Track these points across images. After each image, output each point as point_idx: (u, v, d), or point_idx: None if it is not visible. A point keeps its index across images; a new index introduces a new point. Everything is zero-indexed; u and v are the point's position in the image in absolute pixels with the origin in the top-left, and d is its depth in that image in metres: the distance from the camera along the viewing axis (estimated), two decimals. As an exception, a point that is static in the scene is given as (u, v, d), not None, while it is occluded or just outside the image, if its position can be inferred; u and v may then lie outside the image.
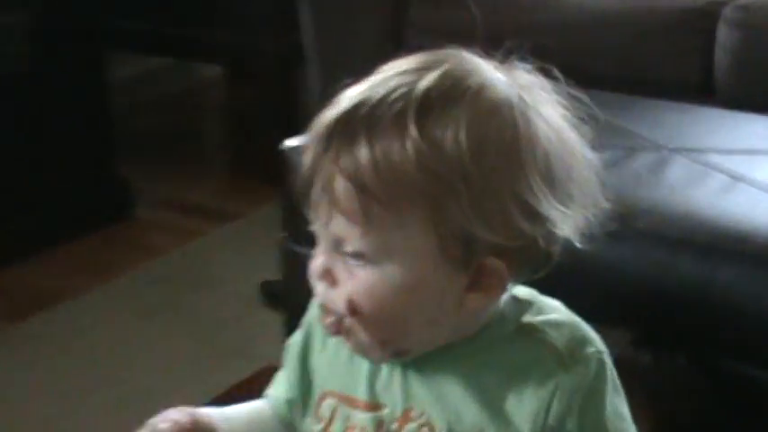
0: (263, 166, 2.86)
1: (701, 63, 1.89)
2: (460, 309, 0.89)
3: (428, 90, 0.86)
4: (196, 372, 2.01)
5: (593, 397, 0.89)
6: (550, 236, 0.88)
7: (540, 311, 0.93)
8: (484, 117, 0.86)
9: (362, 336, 0.90)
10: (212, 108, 3.58)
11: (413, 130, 0.84)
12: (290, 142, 1.53)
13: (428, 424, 0.91)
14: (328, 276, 0.90)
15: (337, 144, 0.85)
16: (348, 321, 0.89)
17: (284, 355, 1.04)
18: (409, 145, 0.83)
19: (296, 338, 1.04)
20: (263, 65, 2.85)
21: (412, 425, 0.92)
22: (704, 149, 1.43)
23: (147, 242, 2.58)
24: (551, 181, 0.87)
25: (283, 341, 1.93)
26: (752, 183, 1.33)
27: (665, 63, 1.91)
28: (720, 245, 1.23)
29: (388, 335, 0.90)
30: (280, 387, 1.04)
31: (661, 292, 1.24)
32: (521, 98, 0.88)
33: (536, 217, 0.86)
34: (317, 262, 0.91)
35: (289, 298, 1.59)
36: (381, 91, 0.86)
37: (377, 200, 0.84)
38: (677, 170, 1.38)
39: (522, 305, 0.93)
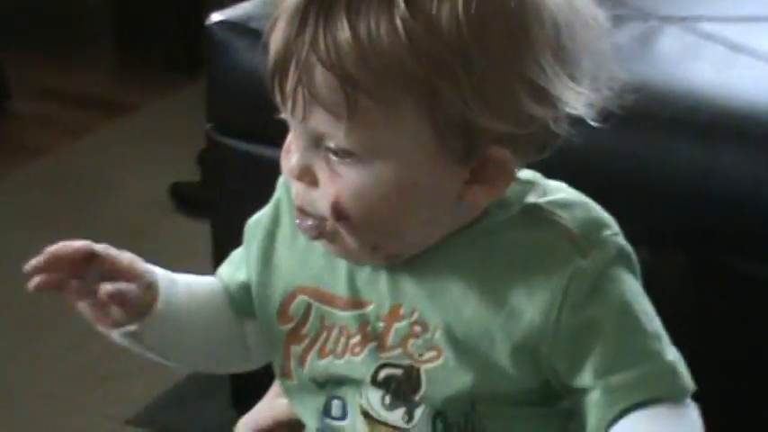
0: (163, 49, 2.86)
1: None
2: (460, 203, 0.90)
3: None
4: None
5: (616, 279, 0.91)
6: (560, 115, 0.89)
7: (546, 192, 0.95)
8: None
9: (349, 241, 0.91)
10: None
11: (401, 5, 0.82)
12: (216, 17, 1.53)
13: (421, 322, 0.93)
14: (307, 176, 0.90)
15: (313, 25, 0.84)
16: (331, 225, 0.90)
17: (244, 235, 1.04)
18: (399, 23, 0.82)
19: (260, 220, 1.03)
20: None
21: (402, 323, 0.93)
22: (697, 18, 1.45)
23: (28, 140, 2.56)
24: (562, 55, 0.87)
25: (209, 252, 1.96)
26: (754, 54, 1.36)
27: None
28: (722, 126, 1.25)
29: (378, 239, 0.91)
30: (236, 267, 1.04)
31: (656, 181, 1.27)
32: None
33: (546, 98, 0.87)
34: (294, 159, 0.90)
35: (219, 199, 1.60)
36: None
37: (364, 91, 0.83)
38: (669, 42, 1.40)
39: (525, 186, 0.94)
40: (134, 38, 3.19)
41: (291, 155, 0.91)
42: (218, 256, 1.61)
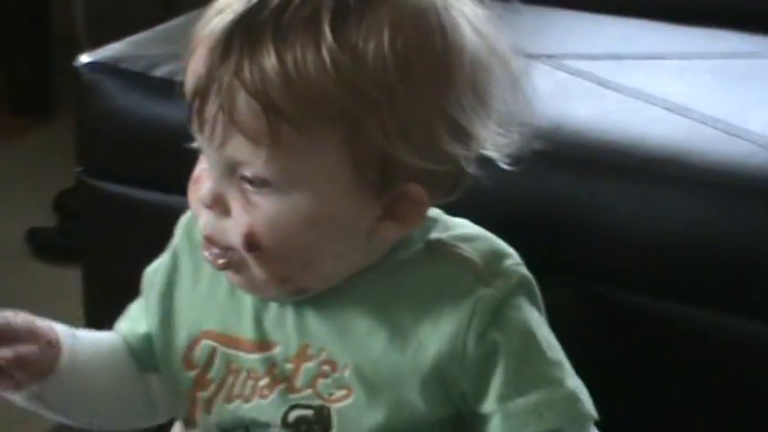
0: (10, 92, 2.79)
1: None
2: (371, 239, 0.91)
3: None
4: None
5: (518, 306, 0.93)
6: (473, 155, 0.90)
7: (448, 227, 0.97)
8: (410, 22, 0.86)
9: (257, 272, 0.90)
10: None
11: (328, 36, 0.83)
12: (85, 58, 1.50)
13: (329, 361, 0.93)
14: (219, 204, 0.90)
15: (238, 52, 0.84)
16: (240, 255, 0.90)
17: (142, 285, 1.03)
18: (325, 54, 0.83)
19: (158, 268, 1.02)
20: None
21: (310, 363, 0.94)
22: (565, 55, 1.50)
23: None
24: (480, 95, 0.90)
25: (71, 298, 1.91)
26: (624, 90, 1.40)
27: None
28: (598, 159, 1.29)
29: (287, 271, 0.91)
30: (136, 321, 1.03)
31: (537, 214, 1.30)
32: (450, 3, 0.90)
33: (464, 136, 0.88)
34: (206, 187, 0.90)
35: (90, 243, 1.57)
36: None
37: (287, 120, 0.84)
38: (539, 79, 1.43)
39: (428, 223, 0.96)
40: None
41: (202, 184, 0.90)
42: (90, 301, 1.59)
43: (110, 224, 1.54)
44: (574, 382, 0.94)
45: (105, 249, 1.56)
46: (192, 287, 1.00)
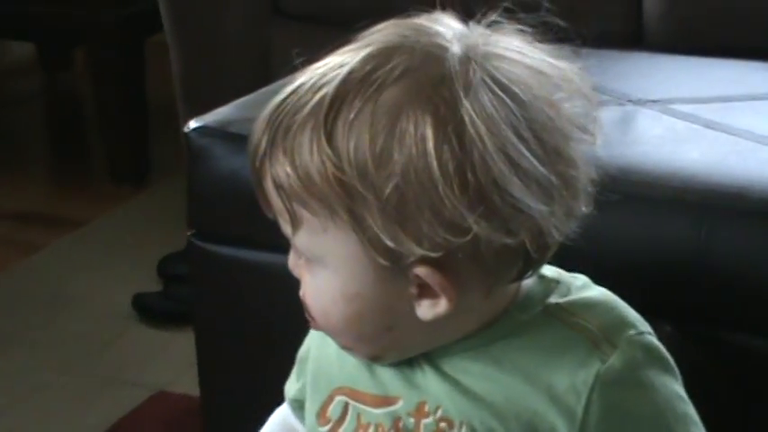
0: (110, 163, 2.84)
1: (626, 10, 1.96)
2: (417, 316, 0.91)
3: (347, 76, 0.88)
4: (72, 408, 1.96)
5: (643, 385, 0.90)
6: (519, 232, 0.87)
7: (570, 291, 0.95)
8: (393, 114, 0.86)
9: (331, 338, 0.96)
10: (26, 96, 3.51)
11: (321, 132, 0.87)
12: (193, 123, 1.52)
13: (446, 419, 0.94)
14: (296, 271, 0.96)
15: (265, 142, 0.91)
16: None
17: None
18: (315, 149, 0.87)
19: (306, 338, 1.07)
20: (94, 41, 2.81)
21: (428, 419, 0.95)
22: (671, 100, 1.49)
23: (-26, 259, 2.52)
24: (470, 190, 0.86)
25: (180, 361, 1.93)
26: (735, 132, 1.39)
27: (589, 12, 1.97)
28: (714, 203, 1.27)
29: (345, 342, 0.95)
30: (290, 389, 1.10)
31: (654, 259, 1.29)
32: (450, 86, 0.86)
33: (456, 228, 0.86)
34: (290, 255, 0.97)
35: (202, 306, 1.59)
36: (314, 78, 0.90)
37: (297, 202, 0.89)
38: (648, 124, 1.42)
39: (548, 284, 0.95)
40: (70, 150, 3.18)
41: (291, 251, 0.97)
42: (204, 362, 1.60)
43: (221, 286, 1.55)
44: None
45: (217, 311, 1.57)
46: (321, 347, 1.03)
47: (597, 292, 0.96)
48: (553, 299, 0.94)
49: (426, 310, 0.91)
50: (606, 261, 1.30)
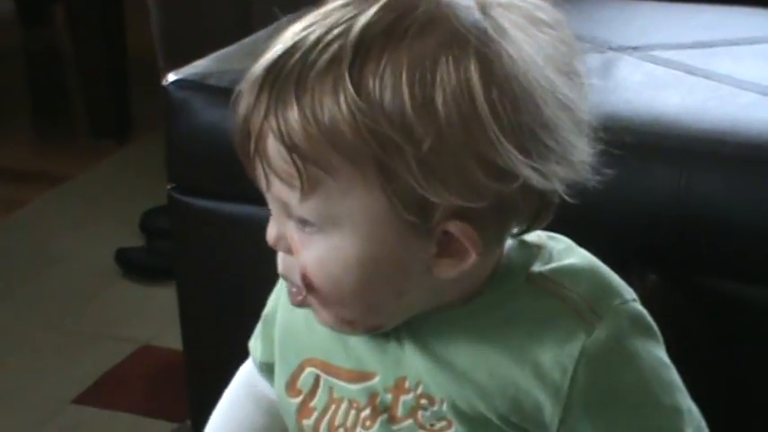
0: (91, 118, 2.82)
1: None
2: (431, 276, 0.87)
3: (366, 28, 0.83)
4: (57, 363, 1.96)
5: (629, 354, 0.89)
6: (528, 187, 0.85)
7: (552, 258, 0.92)
8: (430, 61, 0.82)
9: (324, 314, 0.89)
10: (5, 52, 3.49)
11: (347, 83, 0.82)
12: (172, 77, 1.51)
13: (426, 395, 0.91)
14: (282, 243, 0.89)
15: (266, 99, 0.84)
16: (307, 295, 0.89)
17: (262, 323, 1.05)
18: (343, 101, 0.81)
19: (271, 296, 1.03)
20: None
21: (408, 396, 0.92)
22: (651, 46, 1.48)
23: (-42, 217, 2.51)
24: (519, 133, 0.83)
25: (164, 316, 1.92)
26: (715, 78, 1.38)
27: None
28: (694, 149, 1.27)
29: (349, 314, 0.89)
30: (256, 351, 1.04)
31: (636, 205, 1.29)
32: (484, 29, 0.83)
33: (504, 174, 0.83)
34: (270, 228, 0.90)
35: (184, 260, 1.58)
36: (318, 31, 0.84)
37: (313, 163, 0.83)
38: (629, 71, 1.41)
39: (531, 251, 0.92)
40: (51, 106, 3.16)
41: (270, 223, 0.90)
42: (186, 316, 1.59)
43: (202, 239, 1.54)
44: (693, 428, 0.91)
45: (199, 264, 1.56)
46: (289, 313, 0.98)
47: (580, 257, 0.93)
48: (536, 267, 0.91)
49: (447, 268, 0.87)
50: (586, 209, 1.29)
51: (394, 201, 0.83)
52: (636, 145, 1.28)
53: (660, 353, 0.91)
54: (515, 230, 0.91)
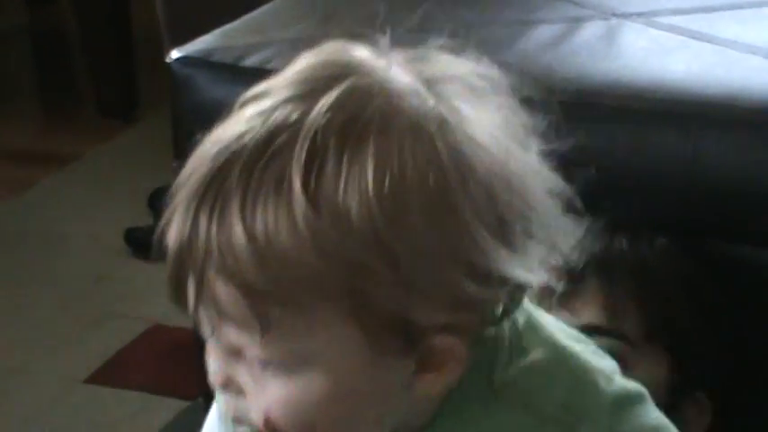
0: (98, 97, 2.82)
1: None
2: (411, 394, 0.77)
3: (318, 132, 0.71)
4: (68, 343, 1.98)
5: None
6: (513, 288, 0.76)
7: (513, 349, 0.80)
8: (396, 162, 0.71)
9: None
10: (11, 31, 3.48)
11: (300, 199, 0.69)
12: (176, 53, 1.50)
13: None
14: (231, 386, 0.77)
15: (206, 225, 0.71)
16: None
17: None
18: (300, 220, 0.69)
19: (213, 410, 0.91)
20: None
21: None
22: (655, 12, 1.48)
23: (-33, 197, 2.51)
24: (499, 225, 0.74)
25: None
26: (720, 42, 1.37)
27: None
28: (701, 114, 1.27)
29: None
30: None
31: (642, 172, 1.28)
32: (441, 116, 0.73)
33: (489, 276, 0.74)
34: (213, 368, 0.77)
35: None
36: (260, 132, 0.72)
37: (272, 302, 0.71)
38: (633, 37, 1.41)
39: (489, 350, 0.80)
40: (57, 85, 3.16)
41: (211, 361, 0.77)
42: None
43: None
44: None
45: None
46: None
47: (544, 341, 0.82)
48: (499, 370, 0.80)
49: (430, 384, 0.77)
50: (595, 175, 1.29)
51: (371, 327, 0.73)
52: (643, 111, 1.28)
53: (650, 414, 0.85)
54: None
